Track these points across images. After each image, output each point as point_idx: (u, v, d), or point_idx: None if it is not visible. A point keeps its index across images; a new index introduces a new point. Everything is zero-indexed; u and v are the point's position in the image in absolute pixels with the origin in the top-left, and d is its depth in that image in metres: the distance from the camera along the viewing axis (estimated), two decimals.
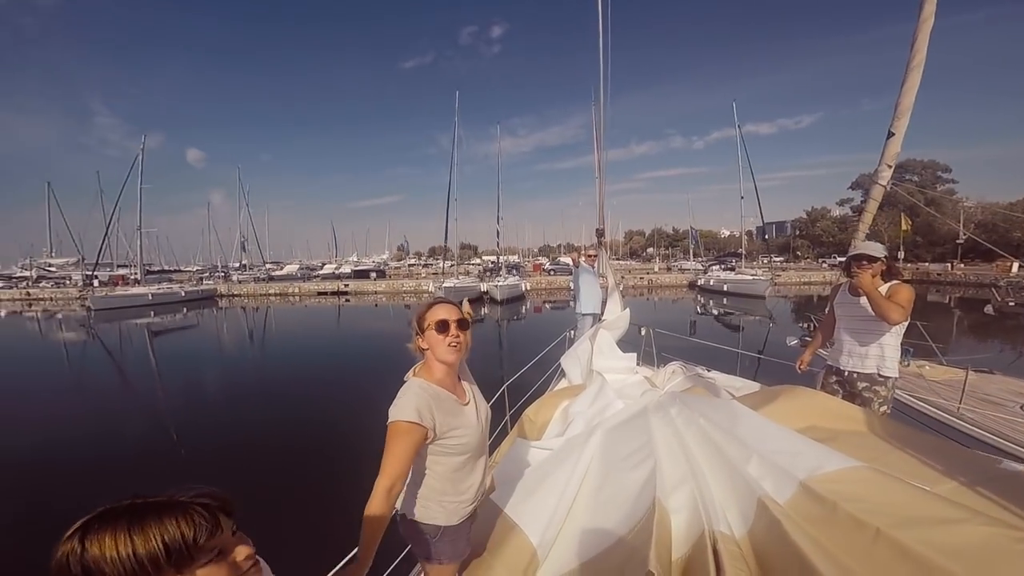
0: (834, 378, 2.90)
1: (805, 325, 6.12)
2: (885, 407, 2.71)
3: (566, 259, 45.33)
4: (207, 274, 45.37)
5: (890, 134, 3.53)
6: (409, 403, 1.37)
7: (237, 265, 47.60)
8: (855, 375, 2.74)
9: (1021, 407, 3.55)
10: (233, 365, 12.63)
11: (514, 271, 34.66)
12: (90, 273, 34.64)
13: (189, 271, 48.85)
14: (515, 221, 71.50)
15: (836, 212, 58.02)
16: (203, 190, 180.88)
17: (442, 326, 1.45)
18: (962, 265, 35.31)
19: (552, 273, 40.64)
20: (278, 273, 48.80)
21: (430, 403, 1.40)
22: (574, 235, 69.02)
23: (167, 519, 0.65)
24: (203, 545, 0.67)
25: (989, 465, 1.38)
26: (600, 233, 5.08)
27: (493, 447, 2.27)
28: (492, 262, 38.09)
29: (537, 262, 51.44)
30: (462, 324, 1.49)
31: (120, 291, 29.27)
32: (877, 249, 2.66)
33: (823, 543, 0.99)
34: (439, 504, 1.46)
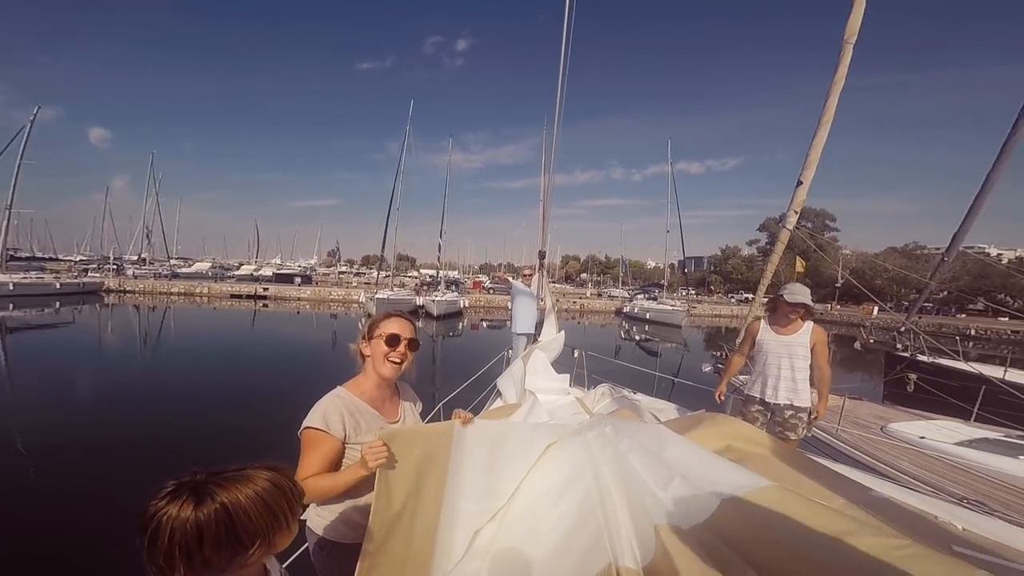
0: (756, 407, 3.14)
1: (717, 353, 6.68)
2: (806, 431, 3.05)
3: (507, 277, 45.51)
4: (95, 266, 39.27)
5: (799, 183, 4.04)
6: (318, 411, 1.35)
7: (136, 259, 41.81)
8: (781, 405, 3.02)
9: (881, 429, 4.15)
10: (112, 369, 10.87)
11: (453, 287, 34.17)
12: None
13: (70, 260, 42.01)
14: (457, 237, 70.62)
15: (745, 251, 65.07)
16: (105, 174, 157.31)
17: (392, 340, 1.45)
18: (838, 306, 41.28)
19: (491, 292, 40.76)
20: (185, 270, 43.72)
21: (342, 412, 1.36)
22: (515, 255, 70.00)
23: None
24: None
25: (864, 492, 1.57)
26: (542, 256, 5.18)
27: None
28: (431, 276, 37.32)
29: (478, 279, 51.30)
30: (412, 344, 1.50)
31: None
32: (808, 295, 3.00)
33: (738, 564, 1.02)
34: (334, 516, 1.39)
